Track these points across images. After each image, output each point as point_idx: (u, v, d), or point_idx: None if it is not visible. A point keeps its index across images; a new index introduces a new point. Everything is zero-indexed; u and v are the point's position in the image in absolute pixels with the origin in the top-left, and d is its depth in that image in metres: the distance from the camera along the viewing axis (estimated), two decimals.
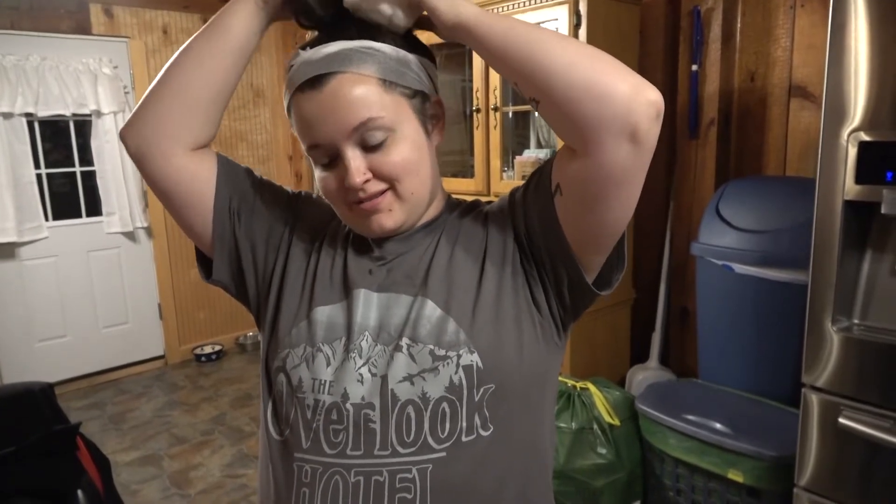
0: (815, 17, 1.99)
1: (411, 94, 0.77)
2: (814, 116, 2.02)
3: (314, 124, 0.75)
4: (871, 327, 1.36)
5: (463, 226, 0.85)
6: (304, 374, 0.79)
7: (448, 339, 0.76)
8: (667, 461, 1.90)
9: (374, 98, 0.73)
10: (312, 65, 0.74)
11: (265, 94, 4.48)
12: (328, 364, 0.78)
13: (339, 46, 0.74)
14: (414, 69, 0.78)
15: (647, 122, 0.64)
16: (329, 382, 0.77)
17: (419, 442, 0.74)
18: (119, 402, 3.64)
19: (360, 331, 0.79)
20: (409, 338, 0.76)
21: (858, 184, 1.30)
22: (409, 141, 0.76)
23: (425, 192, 0.81)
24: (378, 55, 0.75)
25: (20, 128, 3.47)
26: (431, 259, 0.82)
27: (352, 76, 0.73)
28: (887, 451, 1.31)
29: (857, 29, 1.28)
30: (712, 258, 1.97)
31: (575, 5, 2.07)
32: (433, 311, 0.78)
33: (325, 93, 0.73)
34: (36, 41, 3.49)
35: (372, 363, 0.77)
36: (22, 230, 3.52)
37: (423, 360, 0.75)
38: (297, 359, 0.80)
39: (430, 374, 0.75)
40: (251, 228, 0.88)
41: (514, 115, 2.67)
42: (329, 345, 0.79)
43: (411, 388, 0.75)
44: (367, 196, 0.76)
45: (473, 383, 0.75)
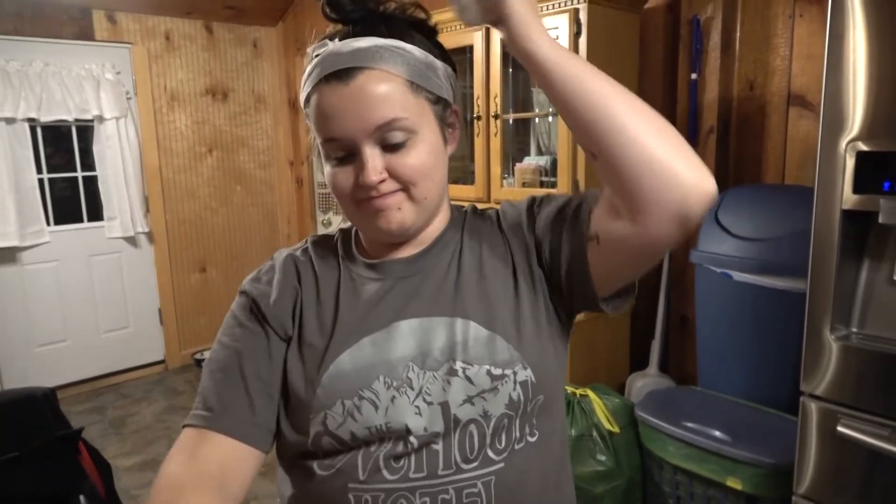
0: (813, 26, 2.01)
1: (435, 99, 0.77)
2: (812, 125, 2.03)
3: (335, 118, 0.72)
4: (869, 336, 1.37)
5: (483, 238, 0.84)
6: (355, 427, 0.74)
7: (502, 358, 0.76)
8: (666, 468, 1.90)
9: (400, 98, 0.72)
10: (341, 57, 0.72)
11: (266, 100, 4.49)
12: (377, 408, 0.74)
13: (370, 42, 0.73)
14: (440, 75, 0.78)
15: (699, 211, 0.64)
16: (385, 425, 0.73)
17: (481, 456, 0.75)
18: (119, 407, 3.65)
19: (401, 363, 0.76)
20: (462, 361, 0.75)
21: (856, 193, 1.30)
22: (428, 145, 0.75)
23: (437, 198, 0.80)
24: (408, 56, 0.74)
25: (22, 133, 3.49)
26: (458, 276, 0.81)
27: (381, 73, 0.72)
28: (886, 459, 1.31)
29: (855, 39, 1.29)
30: (711, 266, 1.98)
31: (575, 14, 2.09)
32: (479, 331, 0.77)
33: (352, 87, 0.71)
34: (39, 47, 3.51)
35: (426, 392, 0.75)
36: (23, 234, 3.53)
37: (481, 381, 0.75)
38: (339, 417, 0.74)
39: (491, 394, 0.75)
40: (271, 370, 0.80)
41: (515, 122, 2.68)
42: (369, 389, 0.75)
43: (472, 409, 0.75)
44: (379, 195, 0.74)
45: (529, 397, 0.76)
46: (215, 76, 4.22)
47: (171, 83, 4.00)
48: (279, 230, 4.66)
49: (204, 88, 4.17)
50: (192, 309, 4.26)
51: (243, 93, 4.38)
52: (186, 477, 0.72)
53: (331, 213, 4.30)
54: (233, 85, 4.31)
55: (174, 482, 0.72)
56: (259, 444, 0.76)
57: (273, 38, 4.45)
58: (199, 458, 0.74)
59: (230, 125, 4.33)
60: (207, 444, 0.74)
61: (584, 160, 2.16)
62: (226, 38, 4.24)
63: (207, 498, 0.71)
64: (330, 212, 4.29)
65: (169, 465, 0.73)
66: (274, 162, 4.59)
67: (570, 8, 2.09)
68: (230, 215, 4.40)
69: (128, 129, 3.80)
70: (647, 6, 2.36)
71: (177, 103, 4.05)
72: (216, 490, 0.72)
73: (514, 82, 2.61)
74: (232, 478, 0.74)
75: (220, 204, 4.34)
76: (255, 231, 4.54)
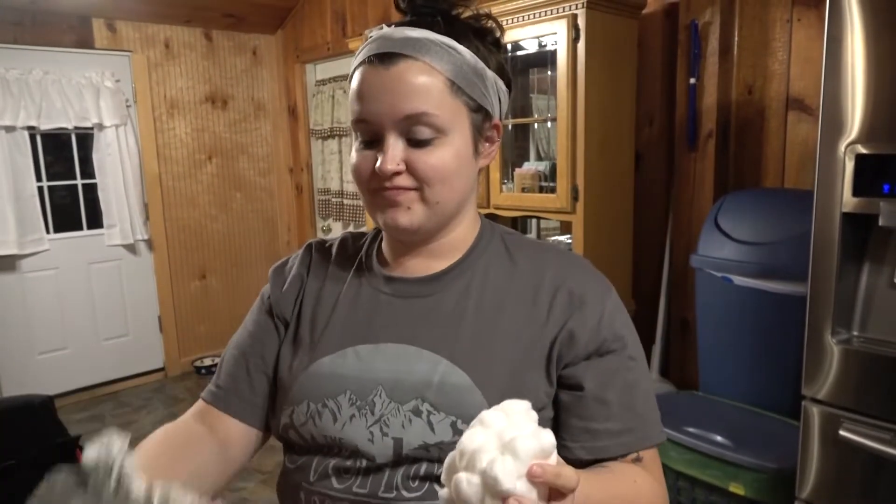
0: (811, 30, 2.01)
1: (475, 106, 0.75)
2: (811, 129, 2.03)
3: (369, 99, 0.72)
4: (870, 339, 1.36)
5: (518, 285, 0.79)
6: (314, 431, 0.76)
7: (473, 414, 0.68)
8: (668, 474, 1.89)
9: (436, 94, 0.71)
10: (390, 41, 0.72)
11: (266, 107, 4.50)
12: (335, 420, 0.75)
13: (421, 34, 0.72)
14: (487, 85, 0.76)
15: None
16: (339, 439, 0.75)
17: (425, 487, 0.73)
18: (119, 415, 3.63)
19: (372, 385, 0.75)
20: (430, 403, 0.72)
21: (856, 196, 1.30)
22: (454, 149, 0.73)
23: (451, 205, 0.76)
24: (456, 57, 0.72)
25: (22, 141, 3.49)
26: (464, 314, 0.77)
27: (423, 66, 0.71)
28: (888, 463, 1.30)
29: (853, 42, 1.29)
30: (711, 270, 1.98)
31: (573, 19, 2.09)
32: (461, 379, 0.73)
33: (392, 72, 0.70)
34: (39, 55, 3.52)
35: (384, 422, 0.73)
36: (23, 242, 3.53)
37: (442, 431, 0.72)
38: (302, 416, 0.77)
39: (449, 447, 0.69)
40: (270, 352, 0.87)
41: (514, 128, 2.69)
42: (334, 399, 0.76)
43: (426, 454, 0.72)
44: (392, 187, 0.73)
45: None
46: (215, 84, 4.23)
47: (171, 91, 4.01)
48: (279, 237, 4.66)
49: (203, 96, 4.18)
50: (191, 316, 4.25)
51: (243, 100, 4.38)
52: (196, 428, 0.84)
53: (330, 220, 4.30)
54: (232, 92, 4.32)
55: (185, 425, 0.84)
56: (254, 423, 0.85)
57: (272, 46, 4.46)
58: (208, 423, 0.84)
59: (230, 132, 4.34)
60: (213, 416, 0.85)
61: (583, 165, 2.16)
62: (225, 45, 4.25)
63: (208, 447, 0.82)
64: (330, 218, 4.29)
65: (183, 417, 0.86)
66: (273, 169, 4.59)
67: (569, 14, 2.10)
68: (230, 222, 4.40)
69: (127, 137, 3.81)
70: (644, 11, 2.36)
71: (176, 111, 4.06)
72: (218, 448, 0.82)
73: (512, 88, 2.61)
74: (233, 446, 0.84)
75: (220, 211, 4.34)
76: (255, 238, 4.54)
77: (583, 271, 0.81)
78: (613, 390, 0.75)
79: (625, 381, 0.76)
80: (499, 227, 0.87)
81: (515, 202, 2.42)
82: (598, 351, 0.76)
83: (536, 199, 2.37)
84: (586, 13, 2.07)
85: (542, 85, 2.69)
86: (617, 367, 0.76)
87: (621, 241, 2.39)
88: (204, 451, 0.82)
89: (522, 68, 2.69)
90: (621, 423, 0.75)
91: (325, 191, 4.22)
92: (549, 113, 2.56)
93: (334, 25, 3.93)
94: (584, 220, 2.19)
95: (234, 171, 4.39)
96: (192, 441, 0.82)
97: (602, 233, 2.27)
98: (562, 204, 2.22)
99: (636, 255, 2.49)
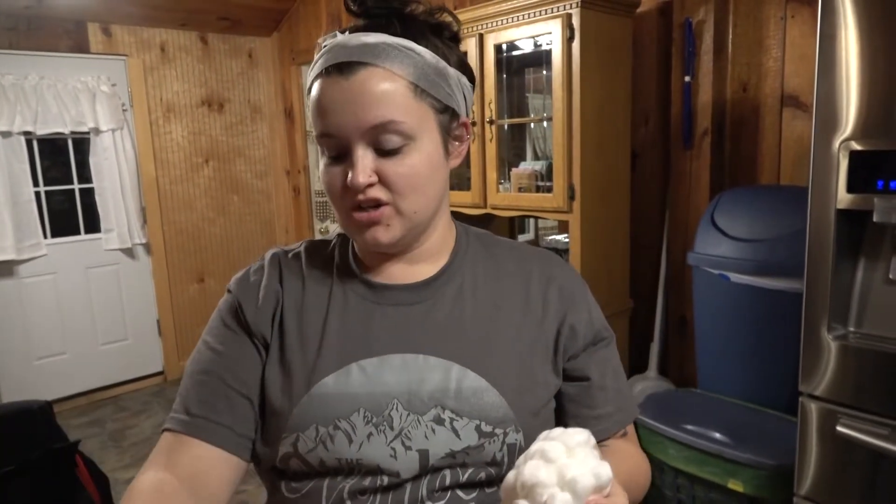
0: (805, 27, 2.01)
1: (441, 107, 0.73)
2: (806, 125, 2.04)
3: (332, 112, 0.69)
4: (866, 335, 1.37)
5: (508, 281, 0.81)
6: (325, 456, 0.71)
7: (495, 415, 0.72)
8: (667, 471, 1.89)
9: (400, 100, 0.68)
10: (346, 50, 0.69)
11: (262, 110, 4.50)
12: (351, 441, 0.71)
13: (378, 38, 0.69)
14: (451, 84, 0.73)
15: None
16: (356, 460, 0.71)
17: (448, 495, 0.72)
18: (118, 419, 3.63)
19: (386, 399, 0.72)
20: (451, 410, 0.71)
21: (850, 192, 1.30)
22: (424, 154, 0.71)
23: (428, 212, 0.75)
24: (417, 58, 0.70)
25: (18, 146, 3.49)
26: (463, 315, 0.77)
27: (383, 72, 0.68)
28: (886, 458, 1.31)
29: (846, 39, 1.29)
30: (708, 268, 1.98)
31: (568, 19, 2.09)
32: (476, 382, 0.73)
33: (352, 82, 0.67)
34: (34, 60, 3.51)
35: (405, 436, 0.71)
36: (21, 248, 3.52)
37: (468, 436, 0.71)
38: (310, 442, 0.71)
39: (475, 451, 0.71)
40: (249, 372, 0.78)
41: (511, 128, 2.69)
42: (347, 420, 0.71)
43: (452, 461, 0.72)
44: (367, 202, 0.70)
45: (514, 458, 0.73)
46: (211, 87, 4.23)
47: (167, 94, 4.01)
48: (277, 240, 4.66)
49: (200, 99, 4.18)
50: (190, 320, 4.25)
51: (239, 103, 4.38)
52: (160, 483, 0.71)
53: (328, 222, 4.30)
54: (228, 95, 4.32)
55: (147, 487, 0.70)
56: (238, 452, 0.75)
57: (268, 49, 4.46)
58: (176, 464, 0.72)
59: (226, 135, 4.34)
60: (185, 448, 0.73)
61: (579, 165, 2.17)
62: (221, 49, 4.25)
63: (183, 498, 0.70)
64: (328, 220, 4.29)
65: (145, 472, 0.73)
66: (270, 171, 4.59)
67: (563, 13, 2.10)
68: (227, 225, 4.40)
69: (124, 141, 3.81)
70: (639, 10, 2.36)
71: (173, 114, 4.06)
72: (188, 496, 0.71)
73: (508, 88, 2.62)
74: (208, 483, 0.73)
75: (218, 214, 4.34)
76: (253, 241, 4.53)
77: (563, 268, 0.86)
78: (609, 377, 0.83)
79: (614, 367, 0.85)
80: (470, 228, 0.87)
81: (512, 202, 2.43)
82: (594, 341, 0.82)
83: (533, 198, 2.37)
84: (581, 12, 2.07)
85: (538, 84, 2.69)
86: (609, 355, 0.84)
87: (618, 239, 2.39)
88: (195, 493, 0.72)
89: (518, 68, 2.70)
90: (615, 405, 0.82)
91: (323, 192, 4.22)
92: (545, 112, 2.56)
93: (330, 27, 3.93)
94: (580, 219, 2.19)
95: (231, 174, 4.39)
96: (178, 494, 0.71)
97: (599, 231, 2.27)
98: (559, 203, 2.23)
99: (633, 254, 2.49)
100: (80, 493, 1.65)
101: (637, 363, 2.53)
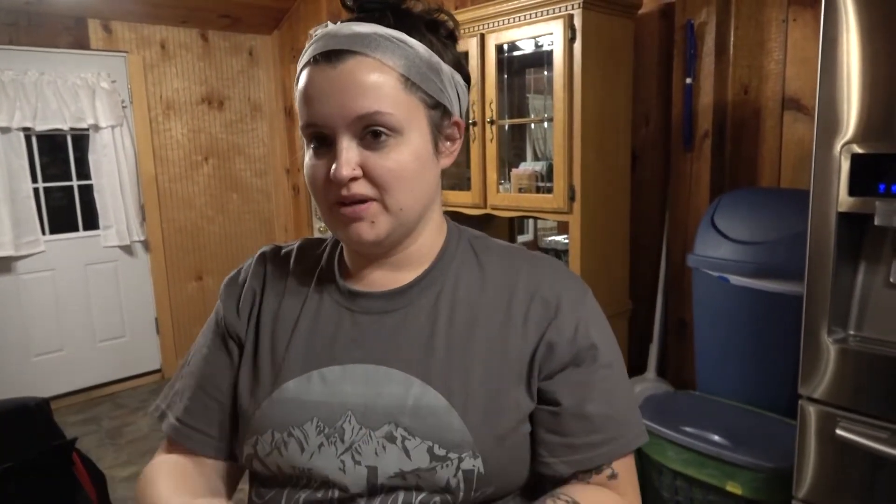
0: (807, 30, 2.01)
1: (432, 103, 0.70)
2: (807, 128, 2.04)
3: (317, 101, 0.66)
4: (866, 338, 1.37)
5: (491, 293, 0.74)
6: (281, 462, 0.71)
7: (451, 438, 0.67)
8: (665, 473, 1.89)
9: (389, 92, 0.66)
10: (336, 38, 0.67)
11: (262, 108, 4.50)
12: (303, 450, 0.70)
13: (369, 28, 0.67)
14: (444, 80, 0.71)
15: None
16: (308, 470, 0.70)
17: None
18: (115, 417, 3.62)
19: (340, 410, 0.70)
20: (405, 428, 0.68)
21: (852, 196, 1.30)
22: (412, 149, 0.68)
23: (416, 210, 0.71)
24: (409, 51, 0.68)
25: (17, 142, 3.48)
26: (434, 329, 0.72)
27: (373, 62, 0.66)
28: (885, 462, 1.31)
29: (848, 42, 1.29)
30: (708, 270, 1.98)
31: (570, 20, 2.09)
32: (436, 401, 0.68)
33: (340, 70, 0.65)
34: (34, 56, 3.51)
35: (355, 450, 0.69)
36: (19, 244, 3.52)
37: (419, 457, 0.67)
38: (267, 446, 0.71)
39: (427, 473, 0.67)
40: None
41: (511, 128, 2.69)
42: (300, 427, 0.70)
43: (402, 482, 0.68)
44: (351, 197, 0.67)
45: (472, 486, 0.68)
46: (211, 84, 4.22)
47: (167, 92, 4.00)
48: (276, 238, 4.65)
49: (200, 97, 4.17)
50: (188, 318, 4.25)
51: (239, 101, 4.38)
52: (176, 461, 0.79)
53: None
54: (228, 93, 4.32)
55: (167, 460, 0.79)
56: (220, 456, 0.81)
57: (269, 47, 4.46)
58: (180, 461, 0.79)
59: (226, 133, 4.33)
60: (181, 450, 0.80)
61: (579, 166, 2.17)
62: (221, 46, 4.24)
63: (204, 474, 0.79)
64: None
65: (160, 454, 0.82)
66: (270, 170, 4.58)
67: (565, 14, 2.10)
68: (226, 224, 4.39)
69: (123, 138, 3.80)
70: (641, 11, 2.36)
71: (172, 112, 4.05)
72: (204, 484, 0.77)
73: (509, 88, 2.62)
74: (216, 478, 0.80)
75: (217, 212, 4.33)
76: (252, 239, 4.53)
77: (555, 276, 0.77)
78: (592, 403, 0.72)
79: (602, 391, 0.73)
80: (467, 230, 0.82)
81: (512, 202, 2.43)
82: (574, 361, 0.73)
83: (533, 199, 2.37)
84: (582, 13, 2.07)
85: (539, 85, 2.69)
86: (593, 379, 0.73)
87: (618, 240, 2.39)
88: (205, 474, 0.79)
89: (518, 68, 2.69)
90: (603, 435, 0.72)
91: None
92: (546, 113, 2.56)
93: None
94: (580, 220, 2.19)
95: (230, 172, 4.38)
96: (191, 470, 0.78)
97: (599, 233, 2.27)
98: (558, 204, 2.22)
99: (633, 255, 2.49)
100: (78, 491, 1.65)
101: (636, 364, 2.53)
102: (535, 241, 3.16)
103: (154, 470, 0.76)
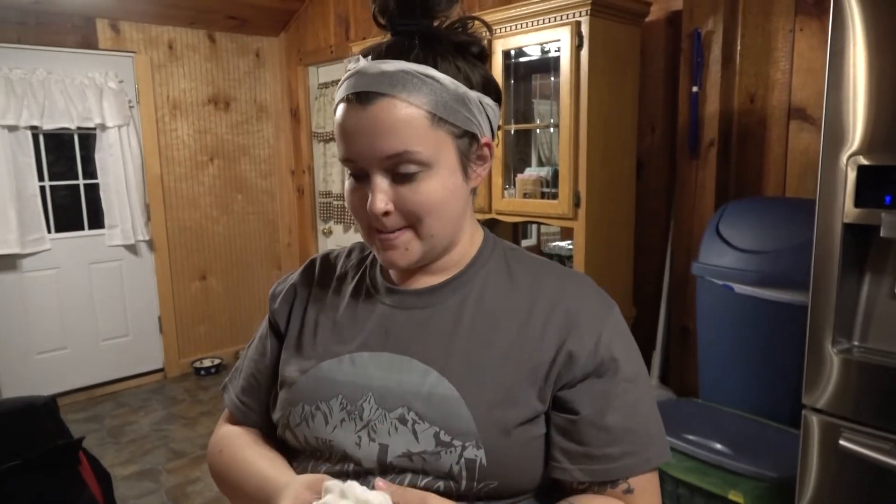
0: (813, 40, 2.02)
1: (459, 133, 0.73)
2: (813, 138, 2.04)
3: (351, 139, 0.71)
4: (870, 349, 1.37)
5: (516, 300, 0.78)
6: (307, 433, 0.78)
7: (457, 427, 0.72)
8: (667, 481, 1.89)
9: (417, 131, 0.69)
10: (366, 78, 0.70)
11: (268, 110, 4.51)
12: (327, 423, 0.77)
13: (397, 66, 0.70)
14: (471, 108, 0.73)
15: None
16: (329, 442, 0.77)
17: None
18: (118, 416, 3.63)
19: (363, 390, 0.77)
20: (416, 413, 0.73)
21: (858, 207, 1.31)
22: (441, 180, 0.72)
23: (447, 234, 0.77)
24: (435, 86, 0.70)
25: (25, 140, 3.50)
26: (458, 325, 0.77)
27: (400, 103, 0.69)
28: (888, 473, 1.31)
29: (855, 54, 1.29)
30: (712, 278, 1.98)
31: (577, 27, 2.10)
32: (449, 391, 0.73)
33: (370, 112, 0.69)
34: (42, 55, 3.52)
35: (371, 428, 0.75)
36: (24, 242, 3.53)
37: (426, 440, 0.72)
38: (297, 417, 0.79)
39: (431, 457, 0.72)
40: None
41: (516, 133, 2.70)
42: (326, 402, 0.78)
43: (410, 463, 0.73)
44: (384, 228, 0.74)
45: (474, 476, 0.71)
46: (217, 85, 4.23)
47: (174, 92, 4.02)
48: (280, 239, 4.66)
49: (206, 97, 4.18)
50: (191, 317, 4.26)
51: (245, 102, 4.39)
52: (238, 430, 0.91)
53: (331, 223, 4.31)
54: (235, 94, 4.33)
55: (232, 429, 0.91)
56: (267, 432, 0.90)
57: (275, 48, 4.47)
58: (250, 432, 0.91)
59: (232, 134, 4.35)
60: (237, 422, 0.93)
61: (585, 172, 2.17)
62: (228, 47, 4.26)
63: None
64: (331, 221, 4.30)
65: (222, 426, 0.93)
66: (275, 171, 4.60)
67: (572, 21, 2.11)
68: (231, 224, 4.40)
69: (130, 138, 3.81)
70: (648, 19, 2.37)
71: (179, 112, 4.07)
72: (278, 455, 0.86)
73: (514, 93, 2.62)
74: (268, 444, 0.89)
75: (221, 212, 4.34)
76: (256, 240, 4.54)
77: (582, 290, 0.80)
78: (612, 415, 0.73)
79: (623, 404, 0.74)
80: (503, 242, 0.87)
81: (517, 208, 2.43)
82: (596, 372, 0.74)
83: (538, 204, 2.37)
84: (590, 20, 2.08)
85: (545, 90, 2.70)
86: (615, 391, 0.74)
87: (622, 247, 2.40)
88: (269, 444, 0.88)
89: (525, 74, 2.70)
90: (622, 447, 0.73)
91: (327, 193, 4.23)
92: (552, 119, 2.57)
93: (337, 28, 3.94)
94: (585, 226, 2.20)
95: (235, 172, 4.40)
96: (262, 441, 0.89)
97: (603, 239, 2.27)
98: (563, 210, 2.23)
99: (637, 262, 2.49)
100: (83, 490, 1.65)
101: None
102: (539, 245, 3.17)
103: (230, 439, 0.88)
